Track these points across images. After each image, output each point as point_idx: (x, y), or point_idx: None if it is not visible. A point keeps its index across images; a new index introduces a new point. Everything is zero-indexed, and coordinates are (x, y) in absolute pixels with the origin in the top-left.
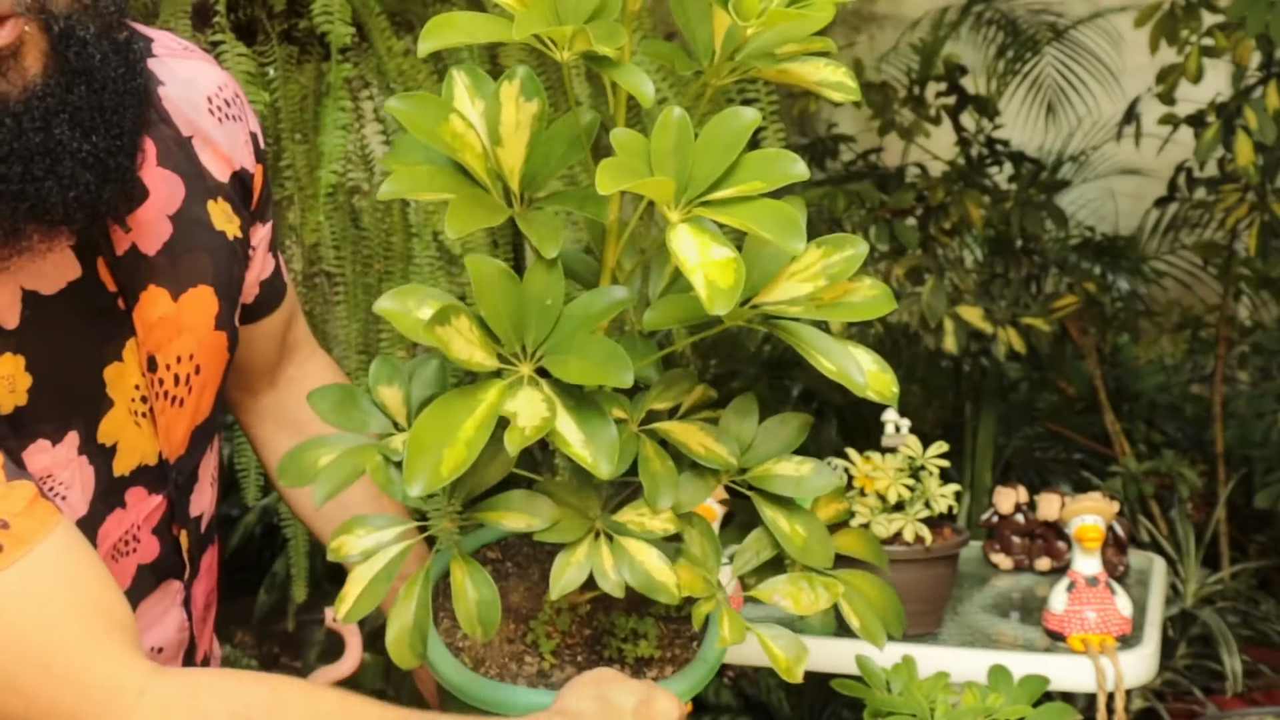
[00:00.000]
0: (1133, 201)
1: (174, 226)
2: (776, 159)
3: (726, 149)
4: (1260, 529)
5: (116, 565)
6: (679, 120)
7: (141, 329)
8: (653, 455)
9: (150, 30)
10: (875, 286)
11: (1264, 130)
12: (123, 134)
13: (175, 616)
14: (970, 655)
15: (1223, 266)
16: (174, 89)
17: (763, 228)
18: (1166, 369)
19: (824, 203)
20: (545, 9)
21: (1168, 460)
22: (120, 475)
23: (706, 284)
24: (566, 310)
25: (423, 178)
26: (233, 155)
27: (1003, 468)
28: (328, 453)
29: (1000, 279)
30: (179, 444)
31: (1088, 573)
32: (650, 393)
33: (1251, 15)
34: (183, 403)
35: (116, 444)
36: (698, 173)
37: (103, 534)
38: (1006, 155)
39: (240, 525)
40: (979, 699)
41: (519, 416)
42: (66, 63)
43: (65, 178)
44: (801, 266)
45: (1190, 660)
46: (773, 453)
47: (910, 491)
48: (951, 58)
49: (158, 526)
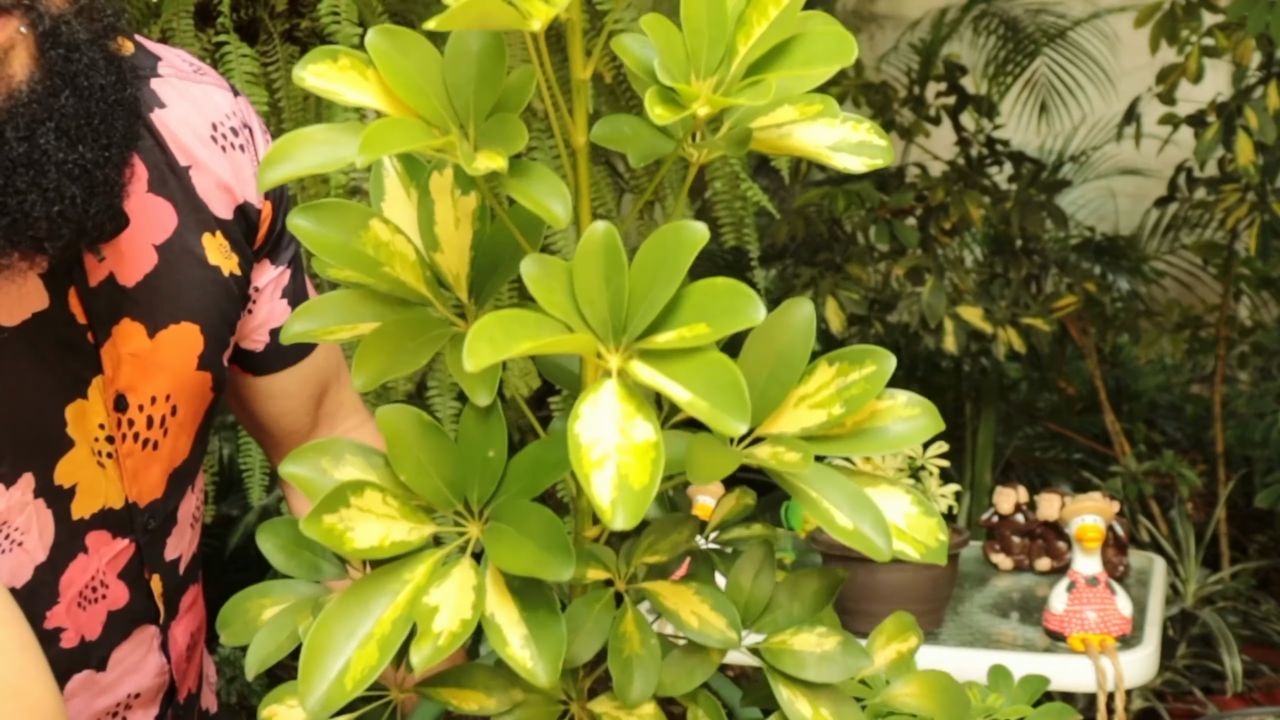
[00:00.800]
0: (1133, 201)
1: (159, 257)
2: (726, 294)
3: (667, 278)
4: (1260, 529)
5: (84, 613)
6: (604, 241)
7: (110, 365)
8: (632, 632)
9: (160, 48)
10: (914, 405)
11: (1264, 130)
12: (111, 145)
13: (153, 662)
14: (970, 655)
15: (1223, 266)
16: (175, 113)
17: (700, 394)
18: (1166, 369)
19: (824, 203)
20: (423, 103)
21: (1168, 460)
22: (79, 519)
23: (615, 484)
24: (512, 464)
25: (335, 307)
26: (235, 187)
27: (1003, 468)
28: (273, 604)
29: (1000, 279)
30: (153, 487)
31: (1088, 573)
32: (639, 544)
33: (1252, 15)
34: (156, 445)
35: (76, 485)
36: (633, 310)
37: (66, 581)
38: (1006, 155)
39: (241, 525)
40: (979, 699)
41: (439, 613)
42: (54, 66)
43: (50, 190)
44: (813, 388)
45: (1190, 660)
46: (793, 619)
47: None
48: (951, 58)
49: (125, 571)
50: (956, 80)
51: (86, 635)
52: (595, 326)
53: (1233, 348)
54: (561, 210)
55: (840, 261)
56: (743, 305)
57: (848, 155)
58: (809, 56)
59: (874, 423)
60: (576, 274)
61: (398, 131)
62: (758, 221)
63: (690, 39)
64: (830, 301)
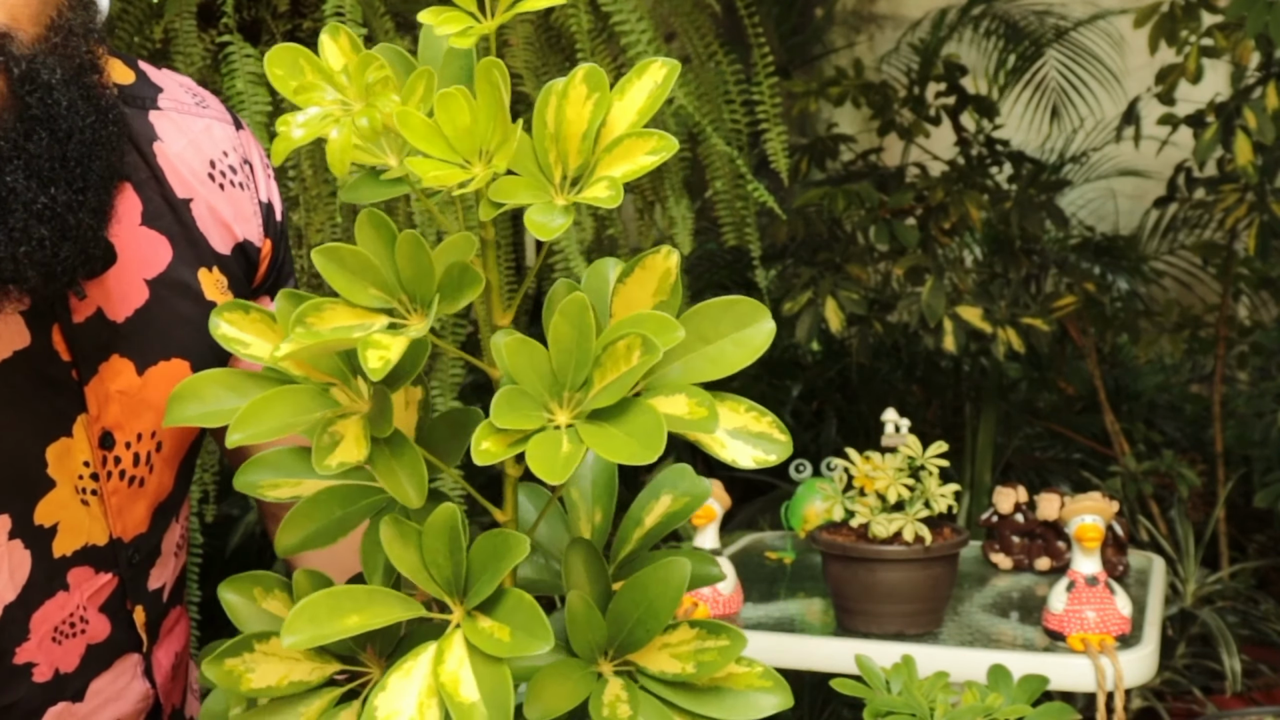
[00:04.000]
0: (1132, 202)
1: (151, 292)
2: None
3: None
4: (1259, 528)
5: (59, 648)
6: (448, 520)
7: (95, 403)
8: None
9: (164, 77)
10: (768, 677)
11: (1263, 130)
12: (86, 188)
13: (136, 689)
14: (970, 655)
15: (1222, 266)
16: (175, 146)
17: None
18: (1166, 369)
19: (824, 203)
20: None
21: (1167, 460)
22: (61, 556)
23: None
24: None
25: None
26: (235, 225)
27: (1002, 467)
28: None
29: (1000, 279)
30: (138, 523)
31: (1087, 572)
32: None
33: (1251, 16)
34: (143, 482)
35: (58, 524)
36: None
37: (39, 619)
38: (1006, 155)
39: (240, 525)
40: (978, 698)
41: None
42: (27, 109)
43: (16, 231)
44: (675, 639)
45: (1189, 660)
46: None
47: (910, 491)
48: (951, 58)
49: (107, 604)
50: (956, 80)
51: (62, 668)
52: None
53: (1232, 348)
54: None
55: (840, 261)
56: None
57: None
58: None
59: (729, 684)
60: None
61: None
62: (757, 221)
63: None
64: (830, 301)
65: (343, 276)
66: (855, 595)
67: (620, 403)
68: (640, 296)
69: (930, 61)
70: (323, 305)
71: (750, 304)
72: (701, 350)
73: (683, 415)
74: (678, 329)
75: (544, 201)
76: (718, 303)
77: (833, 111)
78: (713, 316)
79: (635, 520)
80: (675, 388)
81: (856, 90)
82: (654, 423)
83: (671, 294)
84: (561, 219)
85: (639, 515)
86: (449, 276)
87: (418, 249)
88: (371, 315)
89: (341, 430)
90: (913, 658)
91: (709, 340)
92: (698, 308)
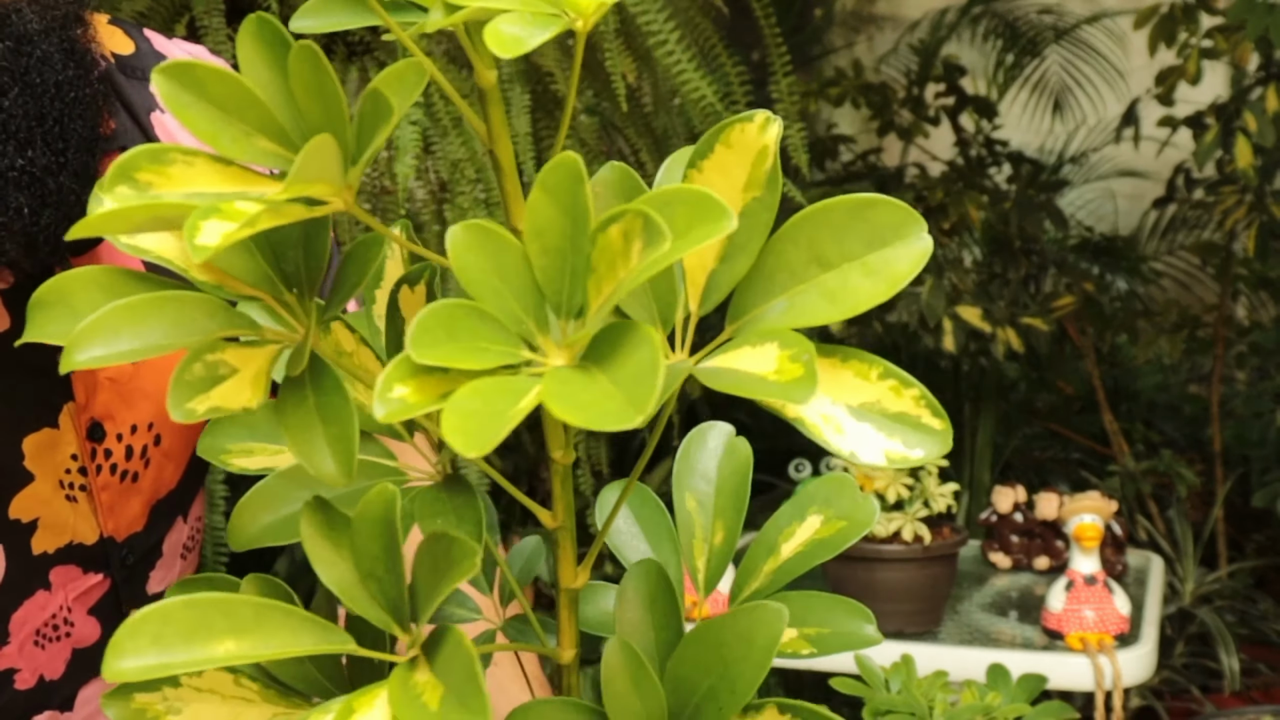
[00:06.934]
0: (1132, 202)
1: (145, 268)
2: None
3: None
4: (1258, 528)
5: (42, 652)
6: (385, 513)
7: (83, 392)
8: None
9: (173, 45)
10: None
11: (1263, 133)
12: (67, 149)
13: None
14: (969, 654)
15: (1221, 267)
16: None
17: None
18: (1164, 369)
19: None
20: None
21: (1165, 459)
22: (42, 553)
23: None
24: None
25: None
26: None
27: (1001, 467)
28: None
29: (999, 279)
30: (132, 521)
31: (1086, 571)
32: None
33: (1252, 18)
34: (136, 477)
35: (37, 520)
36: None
37: (19, 619)
38: (1005, 156)
39: None
40: (977, 697)
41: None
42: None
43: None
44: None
45: (1188, 659)
46: None
47: (909, 491)
48: (950, 58)
49: (98, 607)
50: (955, 81)
51: (46, 674)
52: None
53: (1230, 348)
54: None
55: None
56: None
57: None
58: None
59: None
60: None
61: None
62: None
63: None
64: None
65: (206, 115)
66: (854, 594)
67: (609, 328)
68: (724, 188)
69: (929, 62)
70: (175, 159)
71: (894, 207)
72: (816, 279)
73: (766, 375)
74: (725, 214)
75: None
76: (842, 203)
77: (832, 112)
78: (834, 225)
79: (768, 547)
80: (768, 334)
81: (856, 91)
82: (648, 361)
83: (767, 186)
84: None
85: (773, 540)
86: (364, 116)
87: (318, 73)
88: (257, 180)
89: (232, 362)
90: (912, 657)
91: (829, 264)
92: (812, 210)
